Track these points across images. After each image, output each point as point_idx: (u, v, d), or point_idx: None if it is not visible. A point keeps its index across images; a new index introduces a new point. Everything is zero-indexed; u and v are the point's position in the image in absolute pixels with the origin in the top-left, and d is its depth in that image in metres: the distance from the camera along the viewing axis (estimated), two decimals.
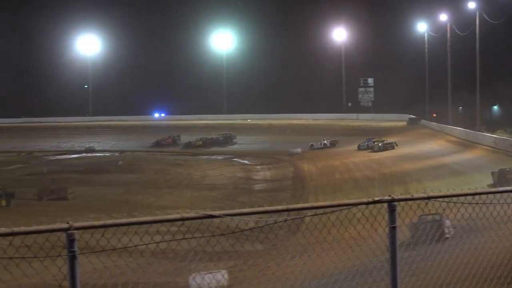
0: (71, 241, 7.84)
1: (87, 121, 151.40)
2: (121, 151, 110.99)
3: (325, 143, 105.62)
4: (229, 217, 9.15)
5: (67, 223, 7.92)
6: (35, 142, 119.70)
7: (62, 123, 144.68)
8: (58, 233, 8.21)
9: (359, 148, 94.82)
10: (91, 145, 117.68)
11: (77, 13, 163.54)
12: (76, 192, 64.84)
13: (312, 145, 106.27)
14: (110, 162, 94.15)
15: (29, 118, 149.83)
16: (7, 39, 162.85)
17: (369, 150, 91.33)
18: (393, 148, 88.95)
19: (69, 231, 7.86)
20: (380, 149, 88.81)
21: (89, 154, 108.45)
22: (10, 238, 7.94)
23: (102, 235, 9.34)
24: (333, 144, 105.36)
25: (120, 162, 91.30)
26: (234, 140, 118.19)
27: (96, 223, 8.44)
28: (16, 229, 7.94)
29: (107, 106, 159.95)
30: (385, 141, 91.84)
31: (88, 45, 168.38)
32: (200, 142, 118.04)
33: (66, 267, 7.90)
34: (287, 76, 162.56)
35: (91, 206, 58.48)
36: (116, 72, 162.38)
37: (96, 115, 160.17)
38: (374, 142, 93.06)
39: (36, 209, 57.29)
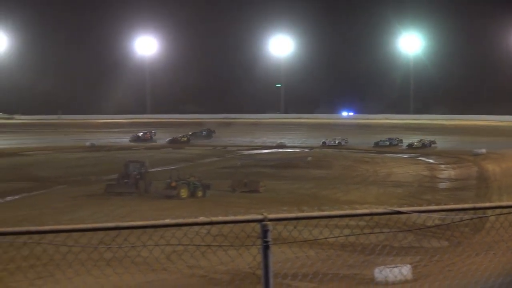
0: (265, 231, 7.91)
1: (278, 118, 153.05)
2: (310, 148, 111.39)
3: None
4: (416, 214, 9.05)
5: (262, 214, 8.00)
6: (230, 137, 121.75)
7: (255, 120, 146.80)
8: (253, 224, 8.34)
9: None
10: (282, 141, 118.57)
11: (271, 15, 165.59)
12: (267, 185, 65.33)
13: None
14: (299, 157, 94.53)
15: (226, 115, 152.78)
16: (203, 45, 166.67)
17: None
18: None
19: (263, 222, 7.93)
20: None
21: (280, 150, 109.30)
22: (208, 227, 8.10)
23: (295, 227, 9.43)
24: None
25: (309, 158, 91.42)
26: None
27: (289, 215, 8.52)
28: (214, 219, 8.10)
29: (297, 105, 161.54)
30: None
31: (280, 46, 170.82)
32: (185, 138, 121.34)
33: (259, 256, 7.98)
34: (475, 76, 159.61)
35: (281, 199, 58.90)
36: (307, 71, 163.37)
37: (287, 113, 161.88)
38: None
39: (230, 200, 58.18)
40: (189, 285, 28.49)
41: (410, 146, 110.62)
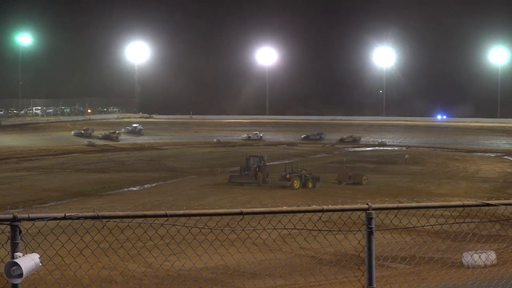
0: (369, 219, 7.87)
1: (380, 120, 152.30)
2: (408, 146, 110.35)
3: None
4: (503, 206, 8.88)
5: (367, 204, 7.97)
6: (337, 136, 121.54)
7: (359, 121, 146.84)
8: (358, 212, 8.32)
9: None
10: (383, 140, 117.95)
11: (374, 27, 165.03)
12: (369, 178, 64.96)
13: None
14: (398, 155, 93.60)
15: (333, 116, 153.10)
16: (314, 56, 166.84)
17: None
18: None
19: (368, 211, 7.89)
20: None
21: (381, 148, 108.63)
22: (319, 213, 8.09)
23: (395, 216, 9.34)
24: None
25: (406, 156, 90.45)
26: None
27: (390, 205, 8.45)
28: (325, 207, 8.09)
29: (397, 108, 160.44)
30: None
31: (384, 57, 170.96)
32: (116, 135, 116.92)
33: (364, 240, 7.94)
34: None
35: (381, 191, 58.53)
36: (407, 79, 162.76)
37: (388, 115, 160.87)
38: None
39: (336, 191, 58.08)
40: (300, 263, 28.57)
41: (342, 140, 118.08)
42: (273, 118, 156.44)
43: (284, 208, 8.14)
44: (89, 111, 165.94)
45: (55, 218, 6.63)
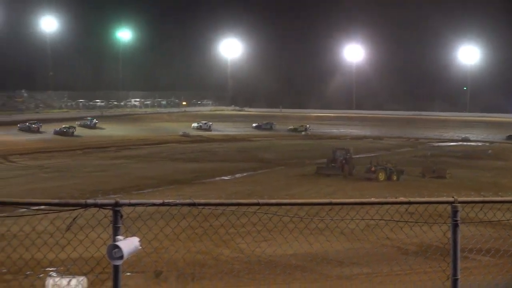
0: (455, 212, 7.75)
1: (464, 116, 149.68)
2: (491, 142, 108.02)
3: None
4: None
5: (452, 197, 7.84)
6: (422, 131, 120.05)
7: (443, 117, 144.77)
8: (443, 205, 8.18)
9: None
10: (466, 135, 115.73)
11: (458, 25, 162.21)
12: (452, 173, 63.81)
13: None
14: (481, 150, 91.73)
15: (418, 112, 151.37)
16: (402, 53, 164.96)
17: None
18: None
19: (453, 204, 7.76)
20: None
21: (465, 143, 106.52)
22: (406, 206, 8.01)
23: (480, 209, 9.15)
24: None
25: (489, 151, 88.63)
26: None
27: (476, 199, 8.31)
28: (412, 199, 8.04)
29: (482, 104, 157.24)
30: None
31: (468, 54, 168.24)
32: (71, 130, 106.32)
33: (449, 232, 7.81)
34: None
35: (464, 185, 57.40)
36: (492, 77, 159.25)
37: (472, 111, 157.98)
38: None
39: (420, 184, 57.21)
40: (385, 253, 28.38)
41: (294, 130, 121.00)
42: (359, 113, 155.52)
43: (372, 199, 8.09)
44: (184, 103, 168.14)
45: (154, 204, 6.72)
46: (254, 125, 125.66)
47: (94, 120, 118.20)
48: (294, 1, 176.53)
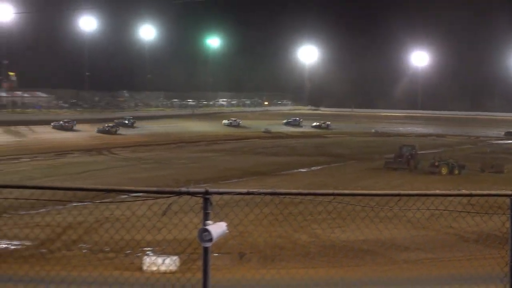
0: None
1: None
2: None
3: None
4: None
5: (511, 190, 7.66)
6: (482, 130, 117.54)
7: (502, 117, 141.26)
8: (502, 197, 8.00)
9: None
10: None
11: None
12: (509, 168, 62.32)
13: None
14: None
15: (479, 112, 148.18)
16: (463, 57, 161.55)
17: None
18: None
19: (511, 197, 7.56)
20: None
21: None
22: (467, 197, 7.86)
23: None
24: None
25: None
26: None
27: None
28: (474, 192, 7.90)
29: None
30: None
31: None
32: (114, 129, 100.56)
33: (508, 223, 7.63)
34: None
35: None
36: None
37: None
38: None
39: (479, 179, 55.96)
40: (446, 240, 27.92)
41: (318, 126, 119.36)
42: (424, 113, 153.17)
43: (437, 191, 7.96)
44: (266, 103, 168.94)
45: (239, 193, 6.74)
46: (284, 121, 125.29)
47: (132, 120, 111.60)
48: (364, 13, 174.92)
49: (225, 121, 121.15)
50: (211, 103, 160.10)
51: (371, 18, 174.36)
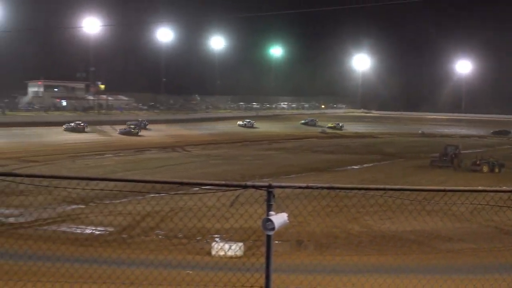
0: None
1: None
2: None
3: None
4: None
5: None
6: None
7: None
8: None
9: None
10: None
11: None
12: None
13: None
14: None
15: None
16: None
17: None
18: None
19: None
20: None
21: None
22: (508, 194, 7.67)
23: None
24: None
25: None
26: None
27: None
28: None
29: None
30: None
31: None
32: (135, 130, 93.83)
33: None
34: None
35: None
36: None
37: None
38: None
39: None
40: (487, 232, 27.31)
41: (333, 127, 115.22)
42: (467, 116, 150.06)
43: (480, 187, 7.79)
44: (322, 106, 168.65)
45: (299, 187, 6.72)
46: (302, 121, 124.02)
47: (145, 122, 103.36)
48: (412, 25, 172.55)
49: (239, 122, 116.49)
50: (273, 106, 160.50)
51: (418, 30, 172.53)
